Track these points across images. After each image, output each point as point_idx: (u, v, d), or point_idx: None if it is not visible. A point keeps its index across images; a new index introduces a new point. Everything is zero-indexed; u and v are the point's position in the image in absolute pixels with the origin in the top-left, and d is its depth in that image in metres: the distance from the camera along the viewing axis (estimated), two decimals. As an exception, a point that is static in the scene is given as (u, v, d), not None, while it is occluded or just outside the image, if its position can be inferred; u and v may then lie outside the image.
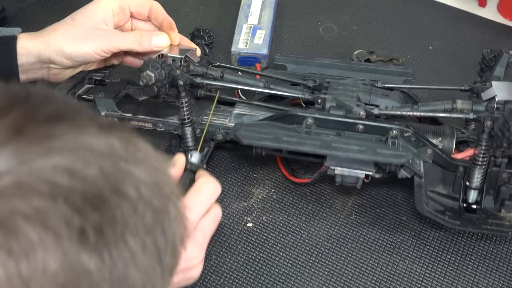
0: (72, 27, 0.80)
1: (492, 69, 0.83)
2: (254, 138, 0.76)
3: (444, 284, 0.78)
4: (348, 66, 0.91)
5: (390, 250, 0.81)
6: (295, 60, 0.92)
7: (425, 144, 0.77)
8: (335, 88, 0.81)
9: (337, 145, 0.74)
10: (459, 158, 0.79)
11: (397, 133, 0.76)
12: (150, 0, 0.84)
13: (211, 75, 0.83)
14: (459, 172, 0.78)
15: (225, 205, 0.86)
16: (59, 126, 0.36)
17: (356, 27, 1.10)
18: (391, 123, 0.77)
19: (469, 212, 0.79)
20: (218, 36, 1.07)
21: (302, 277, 0.78)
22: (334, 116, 0.78)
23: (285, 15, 1.13)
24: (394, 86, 0.85)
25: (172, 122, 0.84)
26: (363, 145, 0.74)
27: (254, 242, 0.82)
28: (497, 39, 1.07)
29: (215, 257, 0.80)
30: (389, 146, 0.75)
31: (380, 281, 0.78)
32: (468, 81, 1.00)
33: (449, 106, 0.78)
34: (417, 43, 1.07)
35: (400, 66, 0.92)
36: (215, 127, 0.83)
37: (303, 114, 0.78)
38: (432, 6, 1.14)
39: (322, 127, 0.77)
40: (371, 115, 0.78)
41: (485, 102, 0.76)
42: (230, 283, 0.78)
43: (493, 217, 0.79)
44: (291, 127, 0.78)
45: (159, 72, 0.75)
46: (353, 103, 0.78)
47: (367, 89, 0.82)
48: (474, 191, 0.79)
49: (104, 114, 0.84)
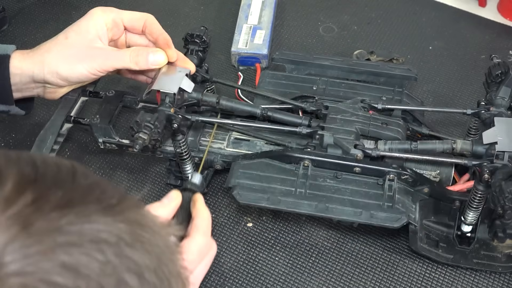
0: (66, 47, 0.77)
1: (498, 89, 0.80)
2: (250, 199, 0.75)
3: (444, 284, 0.78)
4: (349, 69, 0.90)
5: (390, 250, 0.81)
6: (293, 60, 0.91)
7: (422, 183, 0.77)
8: (334, 118, 0.80)
9: (333, 206, 0.74)
10: (456, 190, 0.79)
11: (394, 176, 0.76)
12: (144, 14, 0.81)
13: (206, 102, 0.80)
14: (455, 205, 0.78)
15: (225, 205, 0.86)
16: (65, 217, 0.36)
17: (356, 27, 1.10)
18: (389, 166, 0.76)
19: (463, 239, 0.79)
20: (218, 36, 1.08)
21: (302, 277, 0.78)
22: (331, 157, 0.77)
23: (285, 15, 1.13)
24: (395, 107, 0.84)
25: (170, 150, 0.82)
26: (359, 205, 0.74)
27: (254, 242, 0.82)
28: (497, 39, 1.07)
29: (215, 257, 0.80)
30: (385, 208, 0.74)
31: (380, 281, 0.78)
32: (468, 81, 1.01)
33: (448, 146, 0.76)
34: (417, 43, 1.07)
35: (403, 67, 0.90)
36: (213, 154, 0.82)
37: (301, 155, 0.77)
38: (432, 6, 1.14)
39: (319, 167, 0.77)
40: (369, 156, 0.77)
41: (486, 145, 0.74)
42: (230, 283, 0.78)
43: (486, 247, 0.79)
44: (288, 167, 0.77)
45: (152, 131, 0.72)
46: (351, 143, 0.77)
47: (366, 119, 0.81)
48: (469, 226, 0.78)
49: (102, 140, 0.82)
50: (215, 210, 0.85)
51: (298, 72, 0.92)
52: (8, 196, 0.36)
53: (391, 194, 0.75)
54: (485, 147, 0.74)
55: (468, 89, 1.00)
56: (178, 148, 0.78)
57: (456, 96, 0.99)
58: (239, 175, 0.77)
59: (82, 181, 0.40)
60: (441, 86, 1.01)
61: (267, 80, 0.91)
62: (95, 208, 0.38)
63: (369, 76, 0.90)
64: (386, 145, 0.78)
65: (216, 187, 0.87)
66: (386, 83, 0.89)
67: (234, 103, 0.82)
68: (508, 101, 0.80)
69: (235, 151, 0.82)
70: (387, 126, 0.80)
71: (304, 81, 0.90)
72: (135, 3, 1.15)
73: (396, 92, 0.88)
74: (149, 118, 0.72)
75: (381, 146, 0.78)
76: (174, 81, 0.78)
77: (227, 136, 0.83)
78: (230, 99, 0.82)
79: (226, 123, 0.83)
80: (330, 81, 0.89)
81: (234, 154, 0.82)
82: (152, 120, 0.72)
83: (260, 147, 0.82)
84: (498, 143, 0.72)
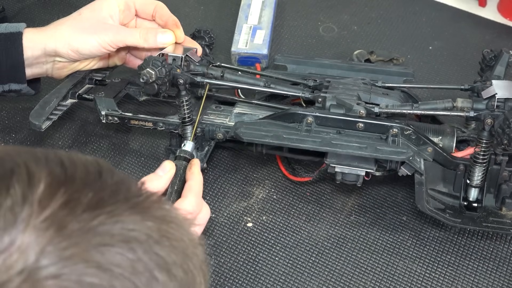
0: (79, 21, 0.81)
1: (493, 69, 0.83)
2: (254, 136, 0.76)
3: (444, 284, 0.78)
4: (348, 67, 0.91)
5: (390, 250, 0.81)
6: (295, 60, 0.92)
7: (425, 142, 0.77)
8: (336, 87, 0.81)
9: (337, 142, 0.74)
10: (459, 156, 0.79)
11: (397, 131, 0.76)
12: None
13: (212, 75, 0.83)
14: (459, 171, 0.78)
15: (225, 205, 0.86)
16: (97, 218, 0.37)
17: (356, 27, 1.10)
18: (392, 121, 0.77)
19: (470, 210, 0.79)
20: (218, 36, 1.07)
21: (302, 277, 0.78)
22: (334, 114, 0.78)
23: (285, 15, 1.13)
24: (394, 85, 0.85)
25: (172, 121, 0.84)
26: (364, 143, 0.74)
27: (254, 242, 0.82)
28: (497, 39, 1.07)
29: (215, 257, 0.80)
30: (389, 143, 0.75)
31: (380, 281, 0.78)
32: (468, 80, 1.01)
33: (449, 104, 0.78)
34: (417, 43, 1.07)
35: (400, 66, 0.92)
36: (216, 126, 0.83)
37: (303, 112, 0.78)
38: (432, 6, 1.14)
39: (322, 125, 0.77)
40: (371, 113, 0.78)
41: (485, 101, 0.76)
42: (230, 283, 0.78)
43: (494, 215, 0.79)
44: (291, 125, 0.78)
45: (160, 69, 0.75)
46: (353, 101, 0.78)
47: (367, 88, 0.82)
48: (475, 189, 0.79)
49: (105, 113, 0.84)
50: (215, 210, 0.85)
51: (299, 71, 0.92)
52: (41, 198, 0.36)
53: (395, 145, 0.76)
54: (485, 102, 0.76)
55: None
56: (182, 109, 0.80)
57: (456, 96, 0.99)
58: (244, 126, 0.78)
59: (108, 180, 0.40)
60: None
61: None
62: (124, 207, 0.39)
63: (368, 75, 0.90)
64: (388, 106, 0.79)
65: (216, 188, 0.87)
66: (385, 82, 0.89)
67: (238, 76, 0.85)
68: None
69: None
70: (387, 95, 0.82)
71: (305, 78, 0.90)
72: (135, 3, 1.15)
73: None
74: (158, 58, 0.76)
75: (383, 106, 0.79)
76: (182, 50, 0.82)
77: (230, 113, 0.85)
78: (234, 73, 0.85)
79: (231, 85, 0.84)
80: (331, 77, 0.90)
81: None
82: (160, 60, 0.76)
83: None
84: (497, 94, 0.74)
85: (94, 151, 0.91)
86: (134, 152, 0.91)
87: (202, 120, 0.83)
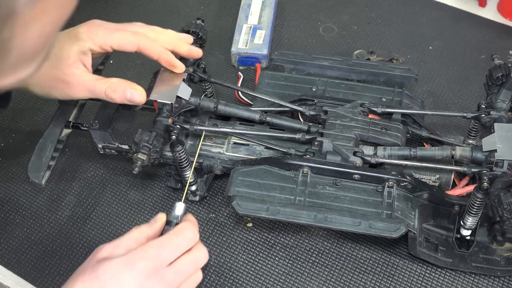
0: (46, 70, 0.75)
1: (499, 92, 0.80)
2: (249, 209, 0.75)
3: (444, 284, 0.78)
4: (349, 69, 0.90)
5: (390, 250, 0.81)
6: (293, 60, 0.91)
7: (422, 189, 0.77)
8: (333, 123, 0.80)
9: (331, 217, 0.73)
10: (456, 194, 0.78)
11: (393, 183, 0.76)
12: (135, 37, 0.76)
13: (204, 107, 0.81)
14: (454, 210, 0.78)
15: (225, 205, 0.86)
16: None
17: (356, 27, 1.10)
18: (388, 173, 0.76)
19: (463, 242, 0.79)
20: (218, 36, 1.08)
21: (302, 277, 0.78)
22: (331, 165, 0.77)
23: (285, 15, 1.13)
24: (394, 111, 0.84)
25: (169, 156, 0.81)
26: (357, 215, 0.73)
27: (254, 242, 0.82)
28: (497, 39, 1.07)
29: (215, 257, 0.80)
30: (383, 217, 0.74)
31: (380, 281, 0.78)
32: (469, 80, 1.01)
33: (448, 153, 0.76)
34: (417, 43, 1.07)
35: (404, 67, 0.90)
36: (213, 159, 0.81)
37: (300, 163, 0.77)
38: (432, 6, 1.14)
39: (318, 174, 0.77)
40: (368, 162, 0.77)
41: (485, 153, 0.74)
42: (230, 283, 0.78)
43: (485, 250, 0.79)
44: (287, 174, 0.77)
45: (151, 151, 0.73)
46: (350, 150, 0.77)
47: (365, 123, 0.80)
48: (468, 230, 0.78)
49: (101, 146, 0.81)
50: (215, 210, 0.85)
51: (297, 72, 0.91)
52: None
53: (390, 202, 0.75)
54: (485, 154, 0.74)
55: (468, 89, 1.00)
56: (177, 158, 0.78)
57: (456, 96, 0.99)
58: (239, 183, 0.76)
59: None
60: (441, 86, 1.01)
61: (266, 81, 0.90)
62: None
63: (369, 76, 0.90)
64: (386, 151, 0.78)
65: (216, 188, 0.87)
66: (386, 83, 0.89)
67: (232, 108, 0.82)
68: (509, 104, 0.79)
69: (235, 155, 0.82)
70: (386, 131, 0.80)
71: (303, 82, 0.89)
72: (134, 3, 1.15)
73: (396, 93, 0.87)
74: (147, 138, 0.73)
75: (380, 153, 0.78)
76: (171, 88, 0.77)
77: (226, 140, 0.83)
78: (228, 104, 0.82)
79: (224, 131, 0.82)
80: (330, 82, 0.89)
81: (233, 158, 0.81)
82: (150, 140, 0.73)
83: (260, 151, 0.82)
84: (497, 151, 0.72)
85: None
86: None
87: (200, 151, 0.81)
